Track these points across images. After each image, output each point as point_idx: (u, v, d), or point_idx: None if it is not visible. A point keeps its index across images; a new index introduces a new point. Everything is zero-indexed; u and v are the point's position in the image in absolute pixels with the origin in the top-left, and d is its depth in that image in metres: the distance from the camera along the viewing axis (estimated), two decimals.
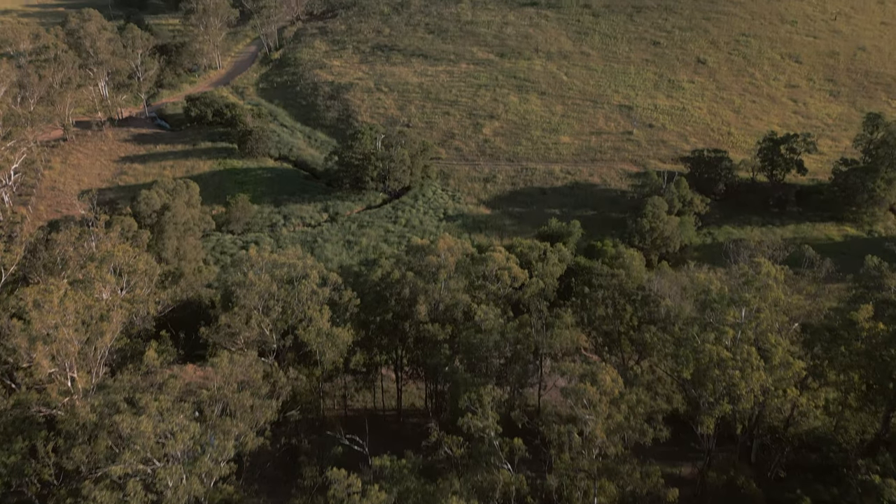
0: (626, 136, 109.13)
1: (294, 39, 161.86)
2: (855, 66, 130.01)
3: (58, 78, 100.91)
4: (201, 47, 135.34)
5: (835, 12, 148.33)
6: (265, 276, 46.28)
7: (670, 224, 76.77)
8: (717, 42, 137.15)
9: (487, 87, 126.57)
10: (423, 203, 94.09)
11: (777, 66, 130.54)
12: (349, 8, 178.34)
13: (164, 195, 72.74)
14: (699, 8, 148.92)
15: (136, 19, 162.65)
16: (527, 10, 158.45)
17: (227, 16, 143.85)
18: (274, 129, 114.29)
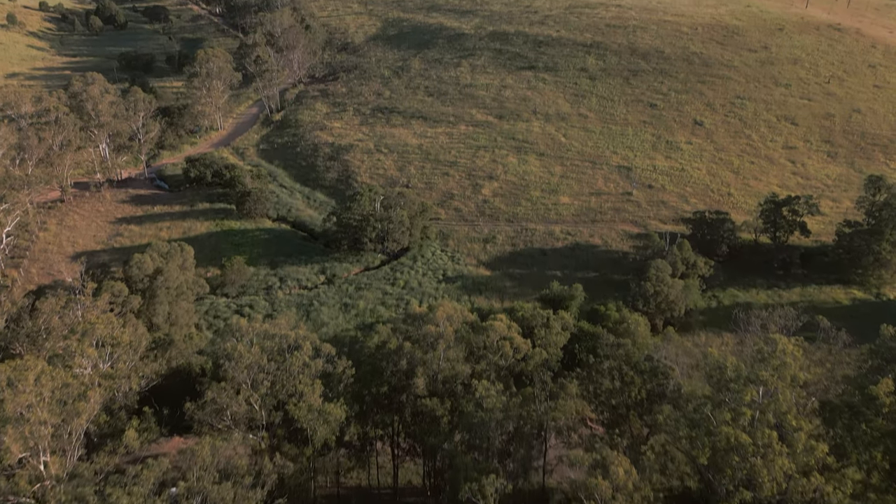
0: (625, 196, 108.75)
1: (296, 101, 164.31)
2: (851, 128, 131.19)
3: (58, 140, 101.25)
4: (203, 109, 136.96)
5: (828, 76, 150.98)
6: (255, 349, 44.23)
7: (675, 288, 75.07)
8: (713, 104, 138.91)
9: (486, 148, 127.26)
10: (422, 264, 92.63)
11: (773, 127, 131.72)
12: (350, 71, 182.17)
13: (158, 259, 71.30)
14: (694, 72, 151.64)
15: (141, 82, 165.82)
16: (525, 74, 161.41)
17: (230, 79, 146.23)
18: (273, 189, 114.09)
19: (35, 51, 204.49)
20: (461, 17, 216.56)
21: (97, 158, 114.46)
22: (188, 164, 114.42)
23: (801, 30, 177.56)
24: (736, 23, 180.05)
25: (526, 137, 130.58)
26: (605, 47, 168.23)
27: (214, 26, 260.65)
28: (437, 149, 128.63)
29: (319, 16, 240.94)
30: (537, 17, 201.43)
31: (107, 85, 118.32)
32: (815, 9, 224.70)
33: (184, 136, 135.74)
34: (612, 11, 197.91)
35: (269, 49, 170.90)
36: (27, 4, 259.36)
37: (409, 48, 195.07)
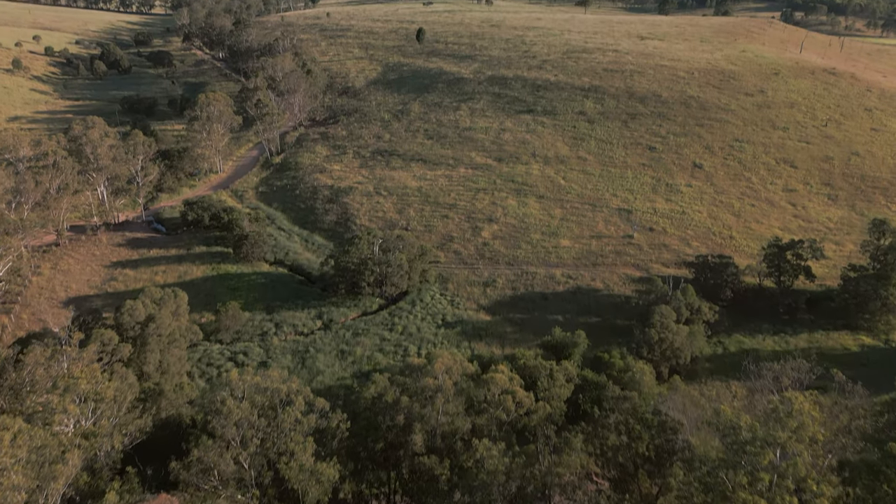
0: (626, 239, 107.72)
1: (296, 144, 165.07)
2: (850, 171, 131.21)
3: (55, 183, 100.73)
4: (203, 152, 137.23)
5: (825, 119, 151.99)
6: (245, 404, 42.26)
7: (680, 334, 73.24)
8: (712, 147, 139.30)
9: (486, 190, 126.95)
10: (420, 309, 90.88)
11: (773, 170, 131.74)
12: (351, 114, 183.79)
13: (150, 305, 69.69)
14: (692, 115, 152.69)
15: (142, 125, 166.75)
16: (523, 118, 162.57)
17: (231, 122, 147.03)
18: (271, 232, 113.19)
19: (38, 94, 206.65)
20: (460, 62, 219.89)
21: (95, 201, 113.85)
22: (186, 207, 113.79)
23: (796, 74, 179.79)
24: (732, 67, 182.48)
25: (525, 180, 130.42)
26: (603, 91, 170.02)
27: (217, 71, 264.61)
28: (437, 191, 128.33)
29: (321, 60, 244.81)
30: (535, 62, 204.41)
31: (107, 128, 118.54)
32: (809, 54, 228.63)
33: (183, 178, 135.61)
34: (609, 56, 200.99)
35: (271, 93, 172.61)
36: (33, 50, 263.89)
37: (409, 92, 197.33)
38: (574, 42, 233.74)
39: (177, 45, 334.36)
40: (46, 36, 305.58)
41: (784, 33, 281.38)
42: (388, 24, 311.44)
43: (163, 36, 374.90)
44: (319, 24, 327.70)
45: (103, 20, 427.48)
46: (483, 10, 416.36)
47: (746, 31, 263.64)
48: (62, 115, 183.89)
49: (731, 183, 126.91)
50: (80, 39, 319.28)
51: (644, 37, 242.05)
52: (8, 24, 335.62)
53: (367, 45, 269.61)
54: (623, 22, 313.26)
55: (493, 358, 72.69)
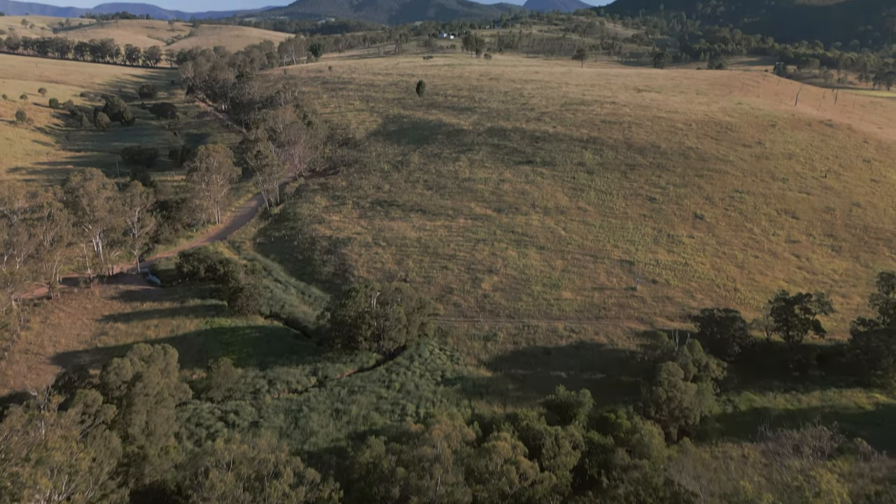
0: (629, 292, 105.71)
1: (295, 195, 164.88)
2: (852, 222, 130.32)
3: (49, 236, 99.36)
4: (201, 203, 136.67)
5: (824, 170, 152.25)
6: (230, 476, 39.52)
7: (688, 393, 70.43)
8: (713, 198, 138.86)
9: (486, 241, 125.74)
10: (419, 364, 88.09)
11: (774, 221, 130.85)
12: (351, 165, 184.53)
13: (138, 363, 67.18)
14: (691, 166, 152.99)
15: (142, 176, 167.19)
16: (522, 168, 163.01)
17: (230, 173, 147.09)
18: (267, 284, 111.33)
19: (40, 146, 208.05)
20: (460, 113, 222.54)
21: (89, 254, 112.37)
22: (181, 259, 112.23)
23: (793, 126, 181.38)
24: (729, 119, 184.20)
25: (525, 231, 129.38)
26: (602, 142, 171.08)
27: (219, 122, 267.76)
28: (436, 242, 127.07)
29: (322, 112, 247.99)
30: (534, 113, 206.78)
31: (105, 180, 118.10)
32: (804, 106, 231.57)
33: (180, 229, 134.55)
34: (607, 108, 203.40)
35: (271, 144, 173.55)
36: (38, 102, 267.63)
37: (408, 143, 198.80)
38: (572, 95, 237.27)
39: (180, 98, 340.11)
40: (52, 89, 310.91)
41: (778, 86, 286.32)
42: (389, 78, 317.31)
43: (167, 89, 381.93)
44: (321, 77, 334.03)
45: (109, 74, 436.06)
46: (482, 63, 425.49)
47: (741, 83, 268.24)
48: (63, 167, 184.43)
49: (733, 234, 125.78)
50: (86, 92, 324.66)
51: (641, 89, 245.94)
52: (15, 77, 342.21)
53: (368, 97, 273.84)
54: (619, 75, 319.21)
55: (495, 418, 69.74)
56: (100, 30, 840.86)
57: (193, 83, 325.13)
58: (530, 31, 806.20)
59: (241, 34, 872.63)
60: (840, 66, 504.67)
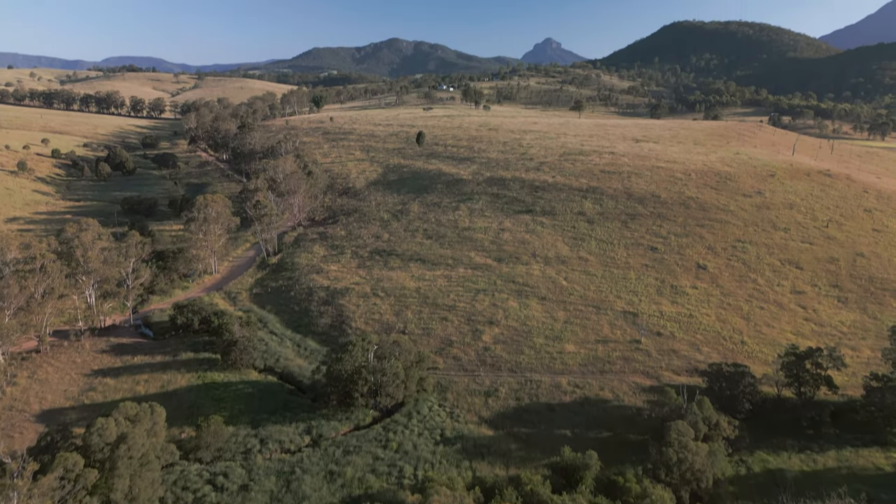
0: (633, 344, 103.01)
1: (294, 244, 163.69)
2: (857, 272, 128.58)
3: (41, 288, 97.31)
4: (198, 253, 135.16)
5: (825, 220, 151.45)
6: None
7: (700, 454, 67.19)
8: (715, 248, 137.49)
9: (486, 291, 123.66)
10: (417, 422, 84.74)
11: (778, 271, 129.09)
12: (350, 214, 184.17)
13: (124, 423, 64.17)
14: (691, 216, 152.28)
15: (140, 226, 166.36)
16: (523, 217, 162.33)
17: (228, 223, 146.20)
18: (262, 336, 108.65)
19: (40, 196, 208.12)
20: (459, 163, 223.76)
21: (81, 305, 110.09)
22: (175, 310, 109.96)
23: (792, 176, 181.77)
24: (728, 169, 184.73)
25: (526, 281, 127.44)
26: (602, 192, 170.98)
27: (220, 172, 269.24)
28: (436, 292, 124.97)
29: (322, 162, 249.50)
30: (533, 163, 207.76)
31: (101, 230, 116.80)
32: (801, 156, 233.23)
33: (176, 280, 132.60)
34: (606, 158, 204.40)
35: (270, 194, 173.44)
36: (40, 152, 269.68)
37: (408, 192, 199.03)
38: (570, 145, 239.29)
39: (183, 148, 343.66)
40: (56, 139, 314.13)
41: (774, 136, 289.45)
42: (390, 128, 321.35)
43: (170, 139, 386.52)
44: (323, 127, 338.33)
45: (113, 124, 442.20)
46: (481, 114, 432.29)
47: (738, 134, 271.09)
48: (61, 216, 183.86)
49: (737, 284, 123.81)
50: (89, 142, 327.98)
51: (639, 139, 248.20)
52: (20, 127, 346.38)
53: (369, 147, 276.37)
54: (617, 125, 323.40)
55: (497, 482, 66.29)
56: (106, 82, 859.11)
57: (196, 133, 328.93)
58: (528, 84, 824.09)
59: (245, 86, 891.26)
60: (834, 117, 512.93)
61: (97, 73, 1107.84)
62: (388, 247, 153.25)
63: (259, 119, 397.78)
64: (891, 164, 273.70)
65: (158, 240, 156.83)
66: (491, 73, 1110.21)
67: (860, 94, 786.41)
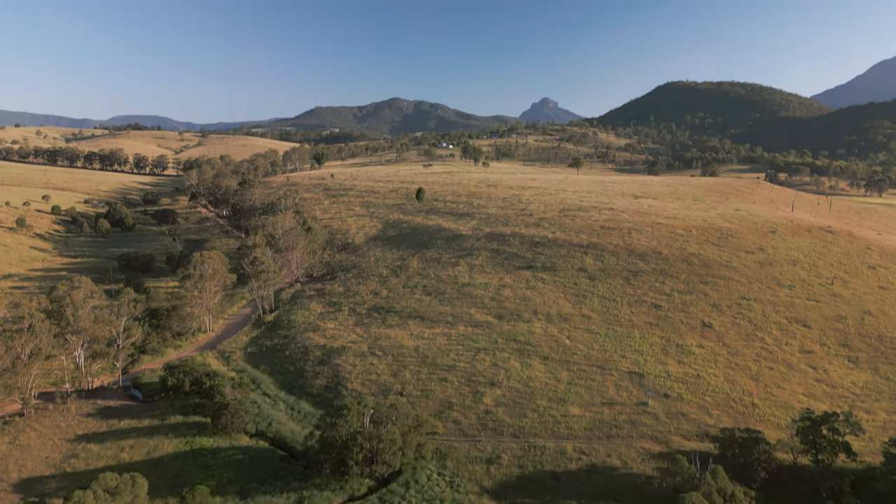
0: (640, 407, 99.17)
1: (290, 301, 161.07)
2: (866, 331, 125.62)
3: (28, 349, 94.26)
4: (192, 311, 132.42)
5: (830, 277, 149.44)
6: None
7: None
8: (719, 305, 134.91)
9: (487, 350, 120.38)
10: (415, 492, 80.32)
11: (786, 330, 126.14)
12: (349, 270, 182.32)
13: (102, 496, 60.33)
14: (694, 272, 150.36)
15: (136, 282, 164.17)
16: (523, 274, 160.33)
17: (224, 280, 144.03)
18: (255, 398, 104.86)
19: (37, 252, 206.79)
20: (459, 219, 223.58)
21: (69, 366, 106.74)
22: (166, 371, 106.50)
23: (793, 232, 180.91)
24: (728, 225, 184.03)
25: (528, 339, 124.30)
26: (602, 248, 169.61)
27: (219, 228, 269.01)
28: (435, 351, 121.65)
29: (322, 218, 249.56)
30: (532, 219, 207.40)
31: (93, 287, 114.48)
32: (800, 212, 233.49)
33: (169, 339, 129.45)
34: (606, 214, 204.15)
35: (269, 250, 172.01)
36: (40, 209, 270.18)
37: (407, 248, 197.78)
38: (569, 201, 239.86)
39: (183, 204, 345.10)
40: (57, 195, 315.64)
41: (772, 193, 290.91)
42: (390, 184, 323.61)
43: (171, 195, 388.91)
44: (324, 183, 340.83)
45: (116, 181, 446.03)
46: (480, 171, 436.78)
47: (736, 190, 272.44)
48: (56, 273, 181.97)
49: (744, 343, 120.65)
50: (90, 199, 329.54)
51: (638, 196, 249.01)
52: (22, 184, 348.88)
53: (369, 203, 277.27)
54: (615, 182, 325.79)
55: None
56: (111, 140, 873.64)
57: (197, 190, 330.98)
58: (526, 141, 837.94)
59: (248, 143, 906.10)
60: (830, 174, 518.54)
61: (103, 131, 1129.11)
62: (387, 303, 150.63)
63: (260, 175, 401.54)
64: (890, 220, 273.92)
65: (153, 297, 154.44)
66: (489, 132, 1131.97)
67: (854, 152, 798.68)
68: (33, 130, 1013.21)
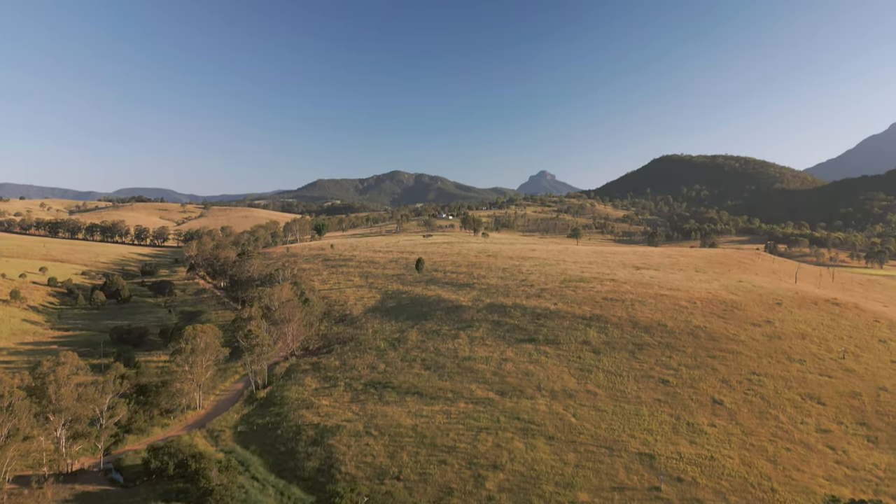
0: (653, 492, 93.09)
1: (284, 376, 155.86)
2: (883, 409, 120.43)
3: (4, 430, 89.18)
4: (182, 387, 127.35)
5: (841, 351, 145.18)
6: None
7: None
8: (729, 381, 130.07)
9: (489, 430, 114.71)
10: None
11: (800, 408, 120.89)
12: (346, 343, 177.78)
13: None
14: (701, 346, 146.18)
15: (127, 357, 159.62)
16: (525, 346, 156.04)
17: (217, 355, 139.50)
18: (243, 482, 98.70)
19: (29, 325, 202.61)
20: (459, 289, 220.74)
21: (48, 447, 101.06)
22: (150, 453, 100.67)
23: (799, 305, 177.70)
24: (733, 297, 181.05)
25: (532, 417, 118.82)
26: (606, 320, 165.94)
27: (216, 300, 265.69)
28: (434, 430, 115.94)
29: (320, 289, 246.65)
30: (533, 290, 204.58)
31: (79, 363, 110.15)
32: (804, 284, 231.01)
33: (156, 417, 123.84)
34: (607, 286, 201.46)
35: (264, 322, 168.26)
36: (36, 280, 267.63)
37: (406, 319, 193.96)
38: (570, 272, 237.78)
39: (181, 276, 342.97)
40: (55, 267, 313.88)
41: (774, 264, 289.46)
42: (389, 255, 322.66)
43: (170, 266, 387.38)
44: (323, 254, 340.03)
45: (115, 252, 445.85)
46: (479, 241, 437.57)
47: (738, 261, 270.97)
48: (47, 347, 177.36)
49: (758, 422, 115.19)
50: (87, 270, 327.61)
51: (639, 267, 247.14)
52: (21, 256, 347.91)
53: (368, 273, 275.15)
54: (616, 252, 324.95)
55: None
56: (114, 211, 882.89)
57: (195, 261, 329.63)
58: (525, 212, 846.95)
59: (250, 215, 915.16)
60: (829, 245, 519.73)
61: (106, 203, 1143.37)
62: (384, 378, 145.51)
63: (260, 246, 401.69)
64: (894, 292, 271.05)
65: (143, 371, 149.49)
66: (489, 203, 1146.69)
67: (851, 224, 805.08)
68: (37, 203, 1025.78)
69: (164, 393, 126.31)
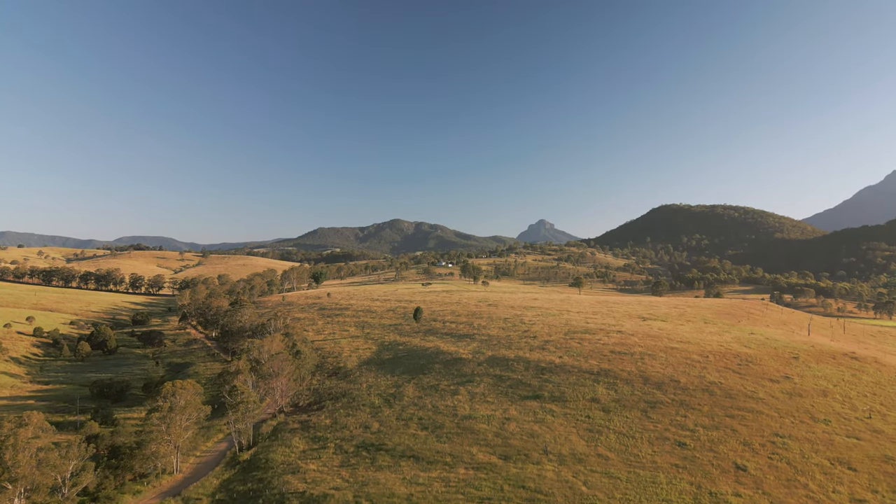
0: None
1: (271, 436, 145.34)
2: None
3: None
4: (158, 450, 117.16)
5: (867, 410, 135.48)
6: None
7: None
8: (751, 443, 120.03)
9: (491, 500, 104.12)
10: None
11: (830, 474, 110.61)
12: (338, 399, 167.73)
13: None
14: (718, 404, 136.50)
15: (105, 413, 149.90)
16: (529, 404, 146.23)
17: (197, 414, 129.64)
18: None
19: (7, 378, 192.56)
20: (458, 340, 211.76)
21: None
22: None
23: (817, 359, 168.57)
24: (747, 351, 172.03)
25: (538, 486, 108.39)
26: (615, 375, 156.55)
27: (206, 350, 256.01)
28: (431, 501, 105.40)
29: (314, 339, 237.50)
30: (537, 342, 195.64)
31: (45, 424, 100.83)
32: (817, 336, 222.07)
33: (127, 483, 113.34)
34: (614, 338, 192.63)
35: (252, 376, 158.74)
36: (22, 331, 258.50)
37: (403, 373, 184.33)
38: (574, 322, 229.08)
39: (173, 325, 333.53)
40: (43, 316, 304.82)
41: (783, 315, 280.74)
42: (387, 303, 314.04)
43: (163, 315, 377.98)
44: (319, 303, 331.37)
45: (107, 301, 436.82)
46: (479, 290, 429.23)
47: (746, 312, 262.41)
48: (23, 402, 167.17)
49: (786, 491, 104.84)
50: (76, 320, 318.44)
51: (645, 317, 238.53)
52: (10, 305, 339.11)
53: (364, 323, 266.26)
54: (619, 302, 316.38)
55: None
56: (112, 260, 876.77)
57: (188, 310, 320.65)
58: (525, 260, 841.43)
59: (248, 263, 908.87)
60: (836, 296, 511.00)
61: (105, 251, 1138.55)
62: (378, 440, 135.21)
63: (256, 295, 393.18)
64: None
65: (120, 430, 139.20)
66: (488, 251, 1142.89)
67: (854, 273, 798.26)
68: (35, 251, 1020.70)
69: (137, 456, 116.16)
